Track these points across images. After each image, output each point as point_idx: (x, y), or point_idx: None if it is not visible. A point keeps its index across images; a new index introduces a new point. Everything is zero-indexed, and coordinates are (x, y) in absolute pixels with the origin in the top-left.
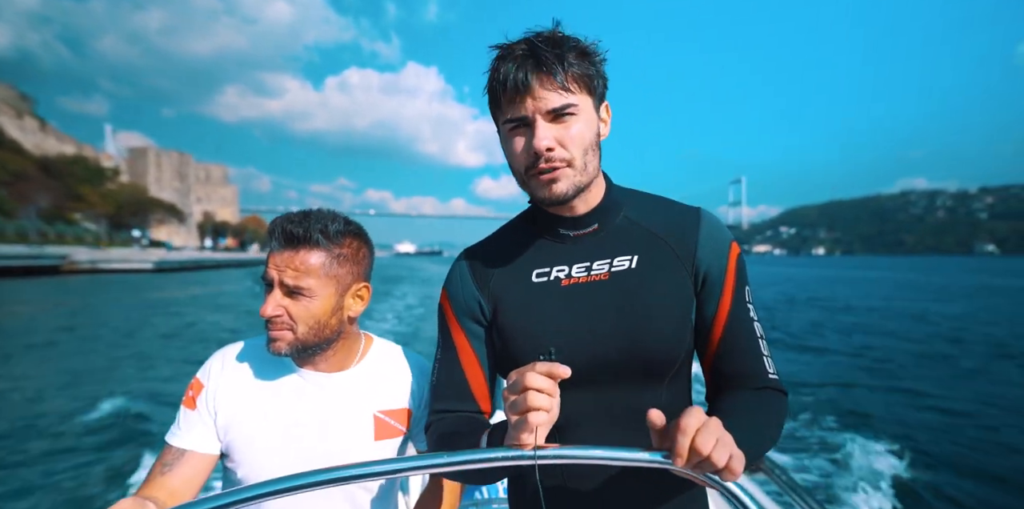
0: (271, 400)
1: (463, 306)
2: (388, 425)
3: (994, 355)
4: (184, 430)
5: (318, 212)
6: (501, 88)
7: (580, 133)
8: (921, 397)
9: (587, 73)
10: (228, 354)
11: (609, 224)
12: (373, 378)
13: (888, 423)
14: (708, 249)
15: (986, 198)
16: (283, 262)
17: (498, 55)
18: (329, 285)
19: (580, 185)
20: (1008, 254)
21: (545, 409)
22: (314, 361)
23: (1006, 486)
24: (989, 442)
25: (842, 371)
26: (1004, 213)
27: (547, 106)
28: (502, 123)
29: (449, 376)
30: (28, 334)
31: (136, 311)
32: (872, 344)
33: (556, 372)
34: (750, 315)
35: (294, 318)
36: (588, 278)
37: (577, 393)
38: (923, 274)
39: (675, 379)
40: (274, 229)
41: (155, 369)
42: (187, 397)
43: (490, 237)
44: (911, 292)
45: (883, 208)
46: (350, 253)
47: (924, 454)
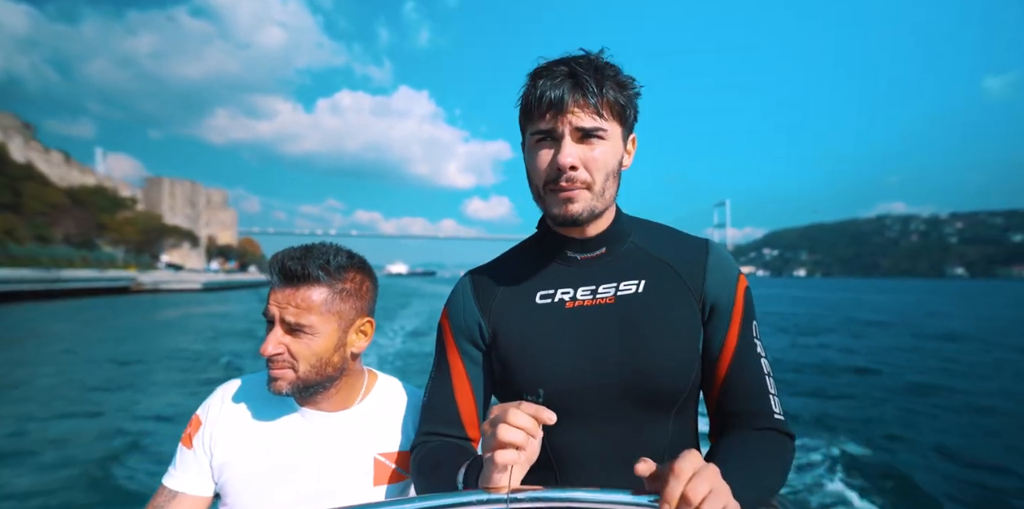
0: (269, 440)
1: (463, 328)
2: (388, 469)
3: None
4: (179, 470)
5: (320, 247)
6: (536, 101)
7: (604, 157)
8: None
9: (620, 102)
10: (229, 391)
11: (617, 249)
12: (375, 418)
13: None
14: (716, 280)
15: (956, 223)
16: (284, 299)
17: (537, 71)
18: (331, 321)
19: (595, 209)
20: (975, 277)
21: (518, 446)
22: (316, 400)
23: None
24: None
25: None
26: (972, 238)
27: (578, 124)
28: (530, 133)
29: (439, 399)
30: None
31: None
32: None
33: (541, 416)
34: (757, 351)
35: (295, 356)
36: (593, 301)
37: (577, 424)
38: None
39: (681, 411)
40: (274, 265)
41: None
42: (185, 435)
43: (497, 258)
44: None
45: (860, 232)
46: (353, 288)
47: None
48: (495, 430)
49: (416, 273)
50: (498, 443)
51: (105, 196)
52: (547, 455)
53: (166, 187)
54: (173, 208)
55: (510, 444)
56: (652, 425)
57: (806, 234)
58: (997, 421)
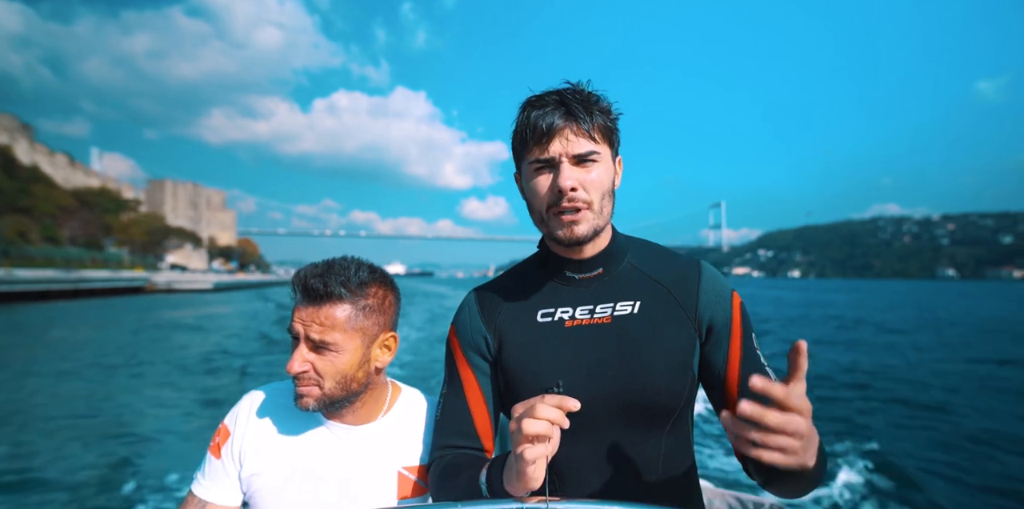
0: (296, 453)
1: (470, 341)
2: (411, 483)
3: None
4: (208, 479)
5: (341, 261)
6: (531, 131)
7: (600, 178)
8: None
9: (608, 126)
10: (256, 401)
11: (613, 269)
12: (398, 432)
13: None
14: (710, 299)
15: (948, 225)
16: (308, 317)
17: (529, 102)
18: (355, 338)
19: (598, 228)
20: (966, 279)
21: (545, 437)
22: (341, 413)
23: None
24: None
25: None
26: (963, 239)
27: (574, 151)
28: (528, 163)
29: (453, 411)
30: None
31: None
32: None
33: (566, 405)
34: (761, 361)
35: (320, 373)
36: (591, 320)
37: (576, 437)
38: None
39: (676, 426)
40: (297, 283)
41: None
42: (213, 443)
43: (501, 276)
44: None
45: (854, 233)
46: (375, 303)
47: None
48: (520, 425)
49: (414, 273)
50: (524, 437)
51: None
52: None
53: (168, 189)
54: (175, 210)
55: (537, 436)
56: (647, 439)
57: (800, 235)
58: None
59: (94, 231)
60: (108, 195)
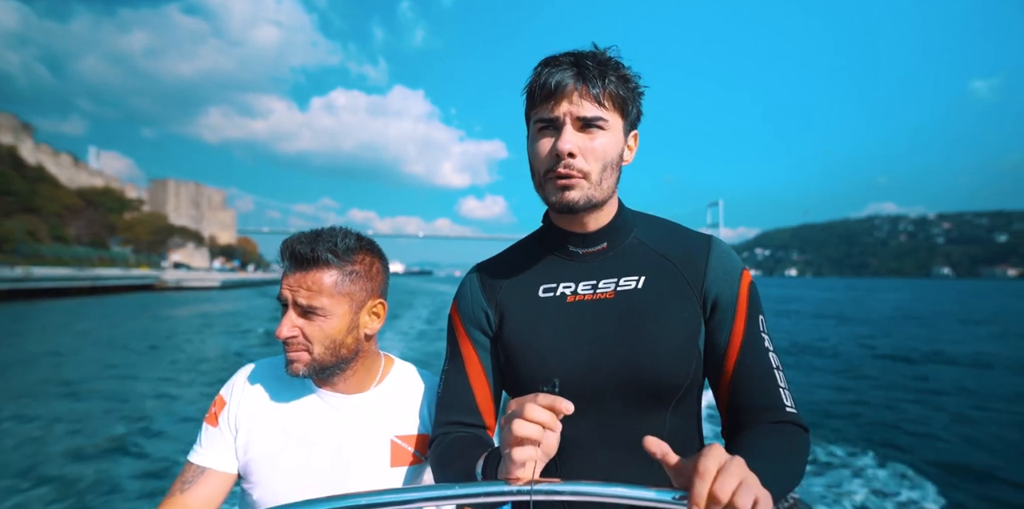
0: (290, 421)
1: (471, 316)
2: (405, 451)
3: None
4: (205, 447)
5: (329, 230)
6: (540, 89)
7: (603, 148)
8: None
9: (622, 95)
10: (252, 372)
11: (618, 244)
12: (392, 401)
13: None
14: (718, 276)
15: (943, 224)
16: (295, 283)
17: (544, 60)
18: (342, 303)
19: (593, 199)
20: (960, 277)
21: (535, 440)
22: (333, 382)
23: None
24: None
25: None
26: (958, 238)
27: (579, 113)
28: (533, 122)
29: (455, 387)
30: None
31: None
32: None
33: (558, 407)
34: (765, 345)
35: (309, 338)
36: (593, 296)
37: (577, 414)
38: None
39: (680, 405)
40: (285, 250)
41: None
42: (210, 413)
43: (502, 252)
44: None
45: (851, 232)
46: (363, 269)
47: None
48: (511, 425)
49: (413, 272)
50: (515, 439)
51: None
52: None
53: (171, 188)
54: (178, 209)
55: (527, 439)
56: (650, 417)
57: (798, 234)
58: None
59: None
60: (112, 195)
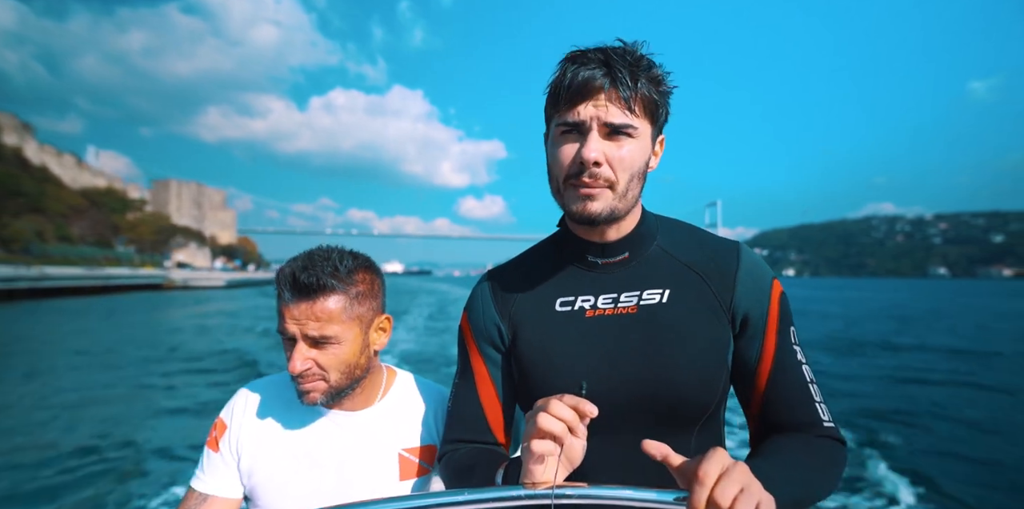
0: (296, 442)
1: (482, 330)
2: (413, 464)
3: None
4: (208, 474)
5: (321, 252)
6: (565, 89)
7: (631, 156)
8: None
9: (654, 99)
10: (251, 393)
11: (641, 254)
12: (397, 414)
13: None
14: (748, 288)
15: (940, 224)
16: (301, 314)
17: (570, 56)
18: (353, 327)
19: (616, 211)
20: (956, 277)
21: (556, 435)
22: (340, 401)
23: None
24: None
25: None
26: (955, 238)
27: (607, 119)
28: (556, 124)
29: (465, 404)
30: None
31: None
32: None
33: (583, 408)
34: (798, 359)
35: (325, 367)
36: (615, 310)
37: (598, 438)
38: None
39: (707, 425)
40: (284, 279)
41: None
42: (211, 438)
43: (515, 259)
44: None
45: (848, 232)
46: (366, 289)
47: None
48: (535, 418)
49: (412, 272)
50: (537, 432)
51: (115, 197)
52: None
53: (173, 189)
54: (180, 209)
55: (548, 433)
56: (674, 440)
57: (796, 234)
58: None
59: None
60: (114, 195)
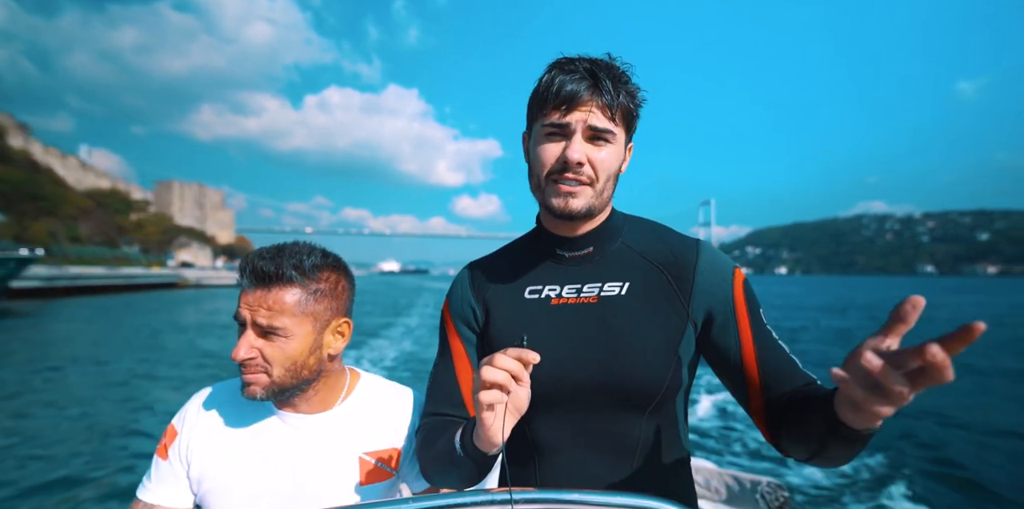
0: (248, 447)
1: (460, 312)
2: (375, 468)
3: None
4: (155, 483)
5: (292, 246)
6: (553, 94)
7: (609, 159)
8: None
9: (631, 109)
10: (206, 397)
11: (605, 249)
12: (359, 417)
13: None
14: (708, 280)
15: (928, 222)
16: (255, 301)
17: (557, 63)
18: (305, 323)
19: (593, 208)
20: (944, 275)
21: (502, 385)
22: (294, 403)
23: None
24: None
25: None
26: (943, 237)
27: (592, 123)
28: (541, 125)
29: (443, 381)
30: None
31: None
32: None
33: (526, 357)
34: (774, 338)
35: (269, 360)
36: (577, 300)
37: (555, 415)
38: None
39: (657, 411)
40: (245, 266)
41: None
42: (160, 445)
43: (496, 252)
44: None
45: (839, 230)
46: (328, 288)
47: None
48: (480, 372)
49: (409, 271)
50: (483, 384)
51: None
52: (527, 443)
53: (176, 190)
54: (182, 210)
55: (493, 383)
56: (626, 422)
57: (788, 233)
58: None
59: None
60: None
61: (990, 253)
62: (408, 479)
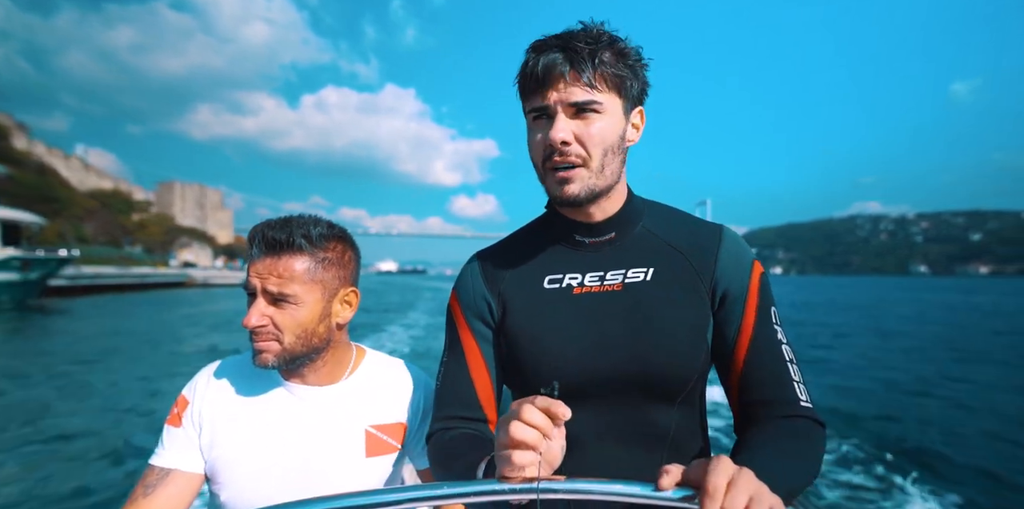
0: (257, 417)
1: (472, 306)
2: (381, 441)
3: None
4: (168, 448)
5: (299, 217)
6: (529, 78)
7: (601, 132)
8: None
9: (619, 73)
10: (215, 369)
11: (627, 234)
12: (365, 391)
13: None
14: (728, 266)
15: (922, 223)
16: (265, 269)
17: (532, 45)
18: (315, 290)
19: (595, 188)
20: (937, 275)
21: (532, 445)
22: (302, 374)
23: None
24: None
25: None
26: (936, 237)
27: (570, 99)
28: (527, 112)
29: (455, 379)
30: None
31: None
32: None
33: (554, 410)
34: (778, 337)
35: (280, 327)
36: (601, 288)
37: (584, 408)
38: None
39: (687, 399)
40: (255, 236)
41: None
42: (172, 415)
43: (504, 240)
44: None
45: (834, 231)
46: (335, 257)
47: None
48: (507, 427)
49: (407, 271)
50: (511, 442)
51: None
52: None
53: (177, 191)
54: (183, 210)
55: (523, 443)
56: (656, 411)
57: (784, 233)
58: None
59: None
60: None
61: (983, 253)
62: (412, 455)
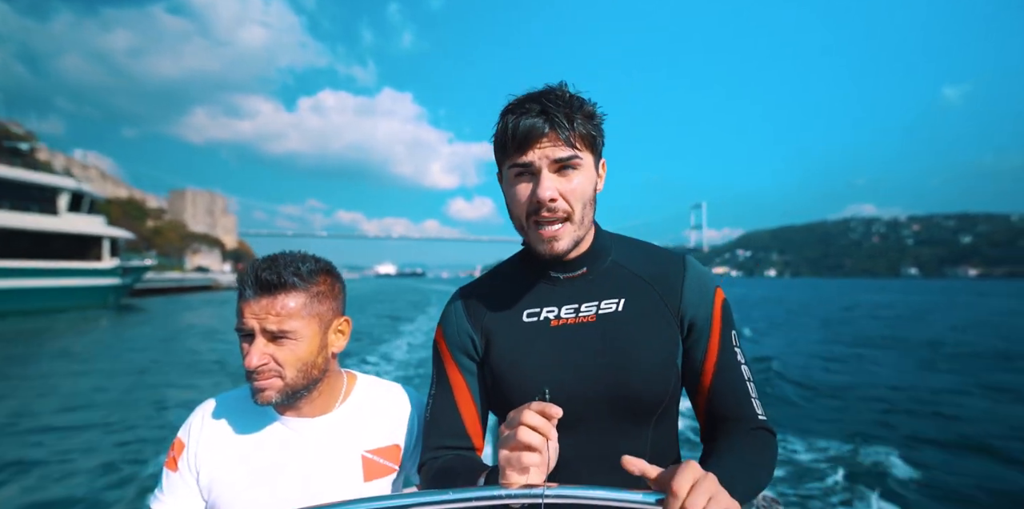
0: (254, 453)
1: (457, 342)
2: (378, 464)
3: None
4: (167, 493)
5: (285, 255)
6: (511, 138)
7: (581, 186)
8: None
9: (592, 133)
10: (208, 410)
11: (597, 268)
12: (358, 417)
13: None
14: (693, 295)
15: (913, 225)
16: (262, 310)
17: (509, 108)
18: (312, 324)
19: (577, 239)
20: (927, 277)
21: (536, 448)
22: (297, 406)
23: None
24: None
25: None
26: (927, 239)
27: (554, 155)
28: (508, 168)
29: (443, 412)
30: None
31: None
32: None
33: (549, 411)
34: (738, 359)
35: (281, 363)
36: (576, 319)
37: (563, 433)
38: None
39: (661, 420)
40: (246, 278)
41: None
42: (169, 458)
43: (484, 277)
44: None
45: (828, 233)
46: (326, 289)
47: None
48: (514, 432)
49: (405, 274)
50: (518, 444)
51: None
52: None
53: (189, 198)
54: (195, 216)
55: (529, 446)
56: (634, 433)
57: (778, 235)
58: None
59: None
60: (135, 205)
61: (972, 256)
62: (411, 473)
